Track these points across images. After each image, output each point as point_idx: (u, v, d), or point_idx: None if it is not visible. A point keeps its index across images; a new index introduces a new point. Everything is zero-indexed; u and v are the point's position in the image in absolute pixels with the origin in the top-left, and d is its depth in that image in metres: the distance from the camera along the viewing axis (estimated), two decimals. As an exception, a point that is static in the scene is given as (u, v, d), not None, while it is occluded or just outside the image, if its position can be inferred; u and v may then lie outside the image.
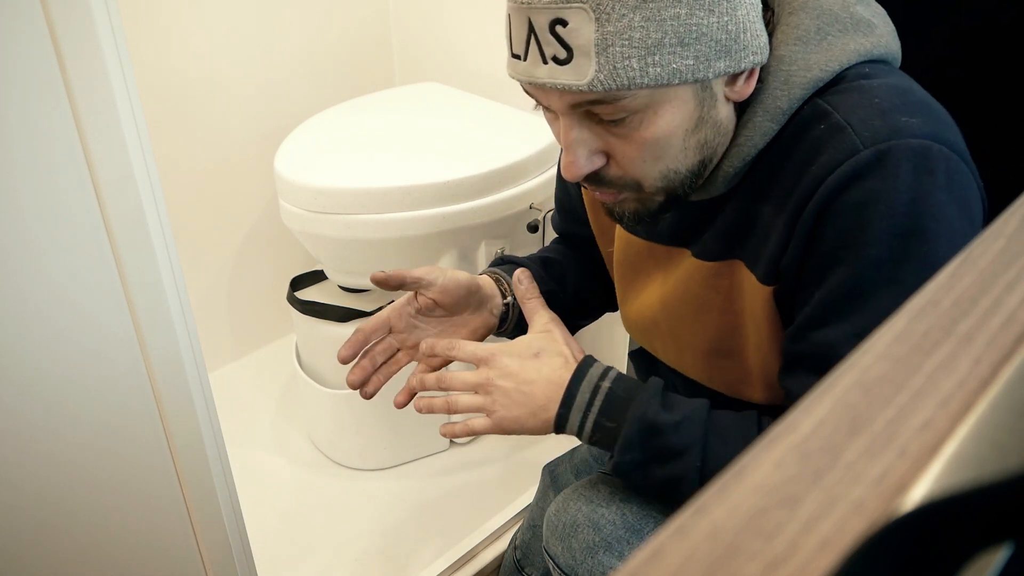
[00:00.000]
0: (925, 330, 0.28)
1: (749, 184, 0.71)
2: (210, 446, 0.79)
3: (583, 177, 0.68)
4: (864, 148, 0.61)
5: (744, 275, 0.72)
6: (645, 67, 0.60)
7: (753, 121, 0.67)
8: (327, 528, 1.38)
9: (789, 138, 0.67)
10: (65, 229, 0.61)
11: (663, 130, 0.64)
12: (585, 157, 0.66)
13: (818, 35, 0.66)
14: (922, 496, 0.22)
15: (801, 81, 0.66)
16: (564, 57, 0.61)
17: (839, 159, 0.62)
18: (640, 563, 0.22)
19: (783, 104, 0.66)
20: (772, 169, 0.69)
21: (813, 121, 0.66)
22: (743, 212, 0.71)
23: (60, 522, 0.71)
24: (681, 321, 0.81)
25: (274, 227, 1.70)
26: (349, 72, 1.70)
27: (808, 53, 0.66)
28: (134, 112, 0.62)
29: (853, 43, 0.67)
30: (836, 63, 0.66)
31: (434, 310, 0.87)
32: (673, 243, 0.80)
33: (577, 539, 0.85)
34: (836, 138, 0.63)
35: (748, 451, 0.25)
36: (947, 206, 0.61)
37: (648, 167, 0.66)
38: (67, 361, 0.66)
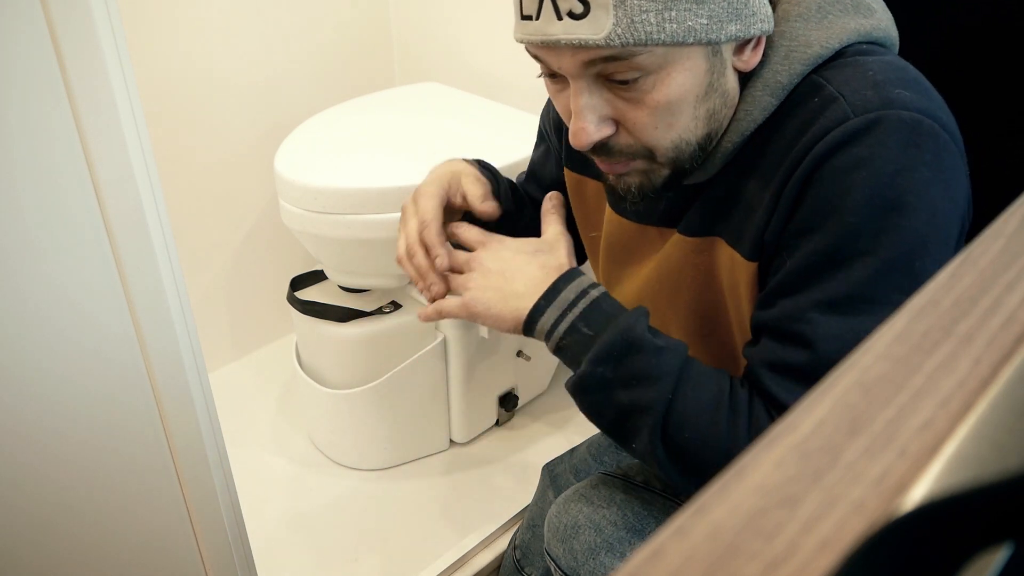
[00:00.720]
0: (925, 330, 0.28)
1: (736, 161, 0.70)
2: (210, 446, 0.79)
3: (592, 145, 0.66)
4: (854, 116, 0.61)
5: (723, 252, 0.71)
6: (662, 22, 0.60)
7: (752, 95, 0.67)
8: (327, 528, 1.38)
9: (782, 114, 0.67)
10: (65, 229, 0.61)
11: (675, 93, 0.63)
12: (595, 123, 0.65)
13: (819, 13, 0.67)
14: (922, 496, 0.22)
15: (801, 56, 0.66)
16: (581, 11, 0.60)
17: (828, 127, 0.61)
18: (640, 563, 0.22)
19: (783, 79, 0.66)
20: (761, 144, 0.68)
21: (807, 96, 0.65)
22: (727, 188, 0.70)
23: (60, 522, 0.71)
24: (662, 297, 0.80)
25: (274, 227, 1.70)
26: (349, 72, 1.70)
27: (809, 30, 0.66)
28: (134, 112, 0.62)
29: (853, 22, 0.67)
30: (836, 40, 0.66)
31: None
32: (664, 224, 0.79)
33: (578, 540, 0.85)
34: (828, 108, 0.63)
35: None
36: (932, 183, 0.60)
37: (660, 134, 0.66)
38: (67, 361, 0.66)
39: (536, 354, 1.55)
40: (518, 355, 1.52)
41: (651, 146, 0.67)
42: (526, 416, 1.61)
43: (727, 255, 0.71)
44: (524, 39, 0.66)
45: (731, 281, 0.72)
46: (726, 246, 0.71)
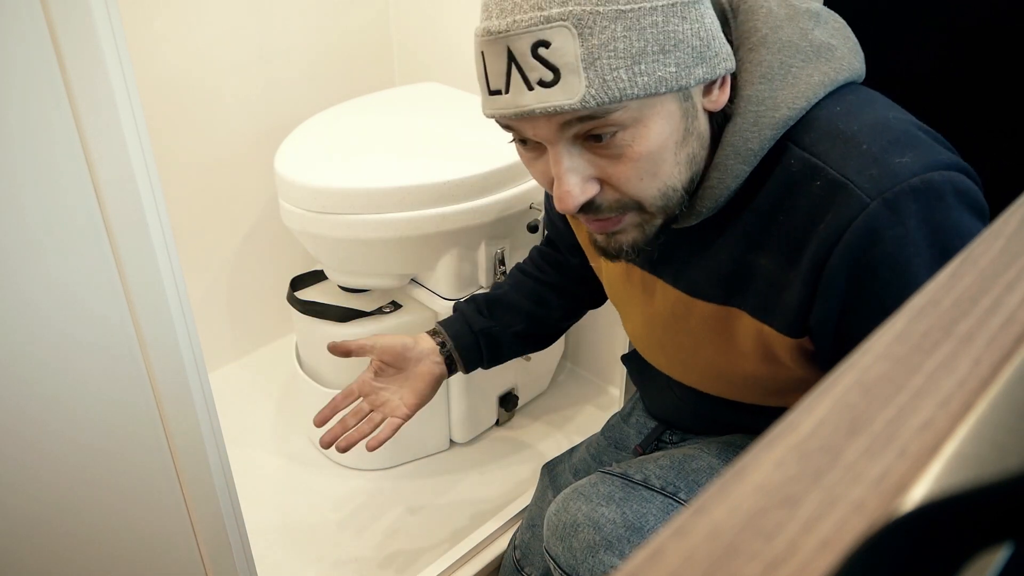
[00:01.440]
0: (925, 330, 0.28)
1: (738, 232, 0.71)
2: (210, 446, 0.79)
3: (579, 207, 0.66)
4: (871, 200, 0.62)
5: (748, 323, 0.73)
6: (633, 76, 0.60)
7: (725, 164, 0.67)
8: (327, 528, 1.38)
9: (779, 191, 0.67)
10: (65, 229, 0.61)
11: (655, 143, 0.63)
12: (579, 185, 0.65)
13: (782, 70, 0.66)
14: (922, 496, 0.22)
15: (770, 121, 0.66)
16: (551, 79, 0.60)
17: (850, 215, 0.62)
18: (640, 563, 0.22)
19: (754, 146, 0.66)
20: (764, 220, 0.69)
21: (805, 176, 0.65)
22: (738, 261, 0.71)
23: (60, 522, 0.71)
24: (683, 349, 0.83)
25: (274, 227, 1.70)
26: (349, 72, 1.70)
27: (774, 91, 0.66)
28: (134, 112, 0.62)
29: (817, 73, 0.67)
30: (803, 99, 0.66)
31: (386, 370, 1.03)
32: (648, 269, 0.81)
33: (578, 539, 0.85)
34: (839, 196, 0.63)
35: (749, 451, 0.25)
36: (963, 219, 0.63)
37: (646, 185, 0.66)
38: (67, 361, 0.66)
39: (536, 355, 1.55)
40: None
41: (638, 198, 0.67)
42: (526, 416, 1.61)
43: (753, 327, 0.73)
44: (496, 114, 0.65)
45: (761, 346, 0.74)
46: (750, 319, 0.73)
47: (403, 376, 1.03)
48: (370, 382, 1.03)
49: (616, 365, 1.61)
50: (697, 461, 0.90)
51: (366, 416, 1.02)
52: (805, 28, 0.68)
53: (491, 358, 1.06)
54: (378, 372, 1.03)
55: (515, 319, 1.05)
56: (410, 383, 1.02)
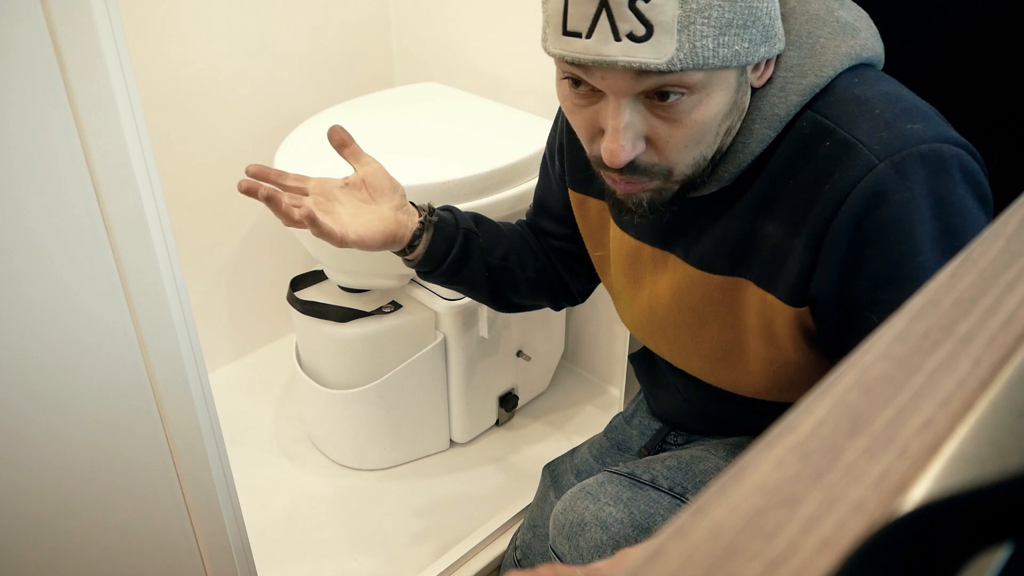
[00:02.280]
0: (925, 330, 0.28)
1: (748, 200, 0.71)
2: (210, 446, 0.79)
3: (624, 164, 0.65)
4: (879, 161, 0.62)
5: (753, 293, 0.73)
6: (717, 47, 0.60)
7: (751, 128, 0.68)
8: (327, 528, 1.38)
9: (790, 154, 0.68)
10: (65, 229, 0.61)
11: (711, 113, 0.64)
12: (632, 142, 0.65)
13: (809, 39, 0.67)
14: (922, 496, 0.22)
15: (797, 88, 0.67)
16: (643, 34, 0.59)
17: (856, 175, 0.63)
18: (640, 563, 0.22)
19: (780, 111, 0.67)
20: (773, 186, 0.69)
21: (815, 138, 0.66)
22: (745, 229, 0.72)
23: (60, 521, 0.71)
24: (686, 329, 0.82)
25: (274, 227, 1.70)
26: (349, 72, 1.70)
27: (802, 58, 0.67)
28: (134, 112, 0.62)
29: (844, 46, 0.67)
30: (830, 67, 0.67)
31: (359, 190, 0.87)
32: (659, 245, 0.81)
33: (584, 538, 0.85)
34: (848, 155, 0.63)
35: (748, 451, 0.25)
36: (967, 199, 0.64)
37: (686, 153, 0.66)
38: (67, 361, 0.66)
39: (536, 354, 1.55)
40: (518, 355, 1.52)
41: (674, 164, 0.67)
42: (526, 416, 1.61)
43: (757, 296, 0.73)
44: (569, 56, 0.63)
45: (762, 320, 0.73)
46: (755, 288, 0.73)
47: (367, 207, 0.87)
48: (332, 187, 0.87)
49: (616, 365, 1.61)
50: (705, 463, 0.90)
51: None
52: (831, 6, 0.69)
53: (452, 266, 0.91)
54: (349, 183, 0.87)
55: (497, 247, 0.95)
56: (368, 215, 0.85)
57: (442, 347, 1.40)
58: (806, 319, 0.71)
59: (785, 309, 0.71)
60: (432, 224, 0.89)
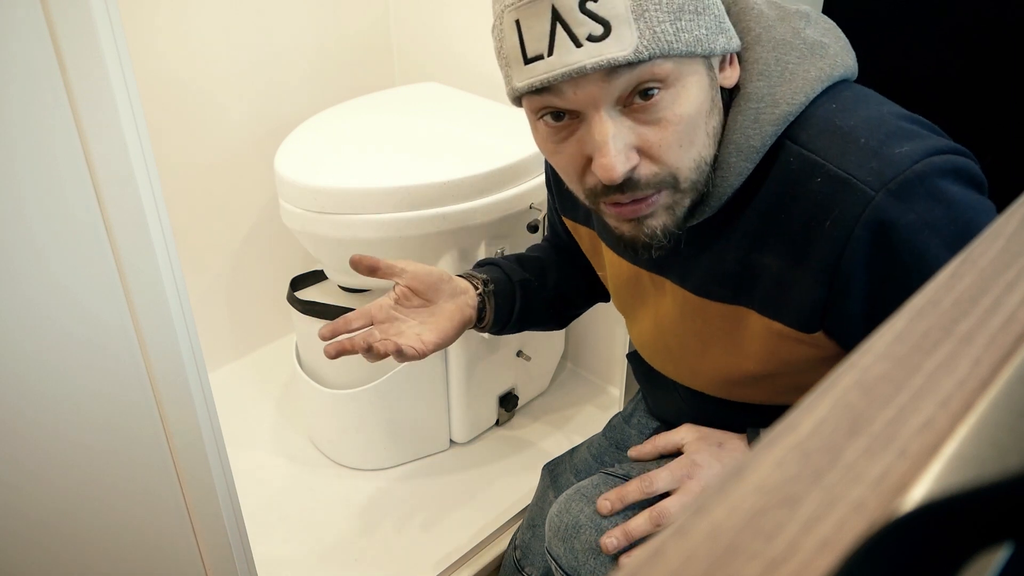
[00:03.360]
0: (925, 330, 0.28)
1: (740, 233, 0.71)
2: (210, 446, 0.79)
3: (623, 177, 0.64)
4: (875, 192, 0.62)
5: (756, 320, 0.74)
6: (677, 32, 0.61)
7: (727, 161, 0.68)
8: (327, 528, 1.38)
9: (778, 189, 0.68)
10: (65, 229, 0.61)
11: (692, 106, 0.64)
12: (623, 152, 0.64)
13: (778, 67, 0.67)
14: (922, 496, 0.22)
15: (770, 118, 0.66)
16: (601, 32, 0.60)
17: (856, 210, 0.63)
18: (640, 563, 0.22)
19: (755, 143, 0.67)
20: (765, 221, 0.69)
21: (804, 174, 0.66)
22: (742, 262, 0.72)
23: (60, 522, 0.71)
24: (691, 351, 0.83)
25: (274, 227, 1.70)
26: (349, 72, 1.70)
27: (772, 87, 0.67)
28: (134, 112, 0.62)
29: (814, 69, 0.67)
30: (802, 94, 0.66)
31: (411, 299, 0.89)
32: (655, 271, 0.82)
33: (580, 540, 0.85)
34: (842, 191, 0.64)
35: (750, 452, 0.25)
36: (968, 194, 0.64)
37: (684, 154, 0.65)
38: (67, 361, 0.66)
39: (536, 354, 1.55)
40: (518, 355, 1.52)
41: (675, 169, 0.66)
42: (526, 416, 1.61)
43: (761, 324, 0.73)
44: (537, 80, 0.63)
45: (767, 345, 0.74)
46: (758, 316, 0.73)
47: (428, 311, 0.89)
48: (388, 308, 0.89)
49: (616, 365, 1.61)
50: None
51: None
52: (797, 27, 0.69)
53: (520, 317, 0.96)
54: (400, 300, 0.89)
55: (547, 281, 0.98)
56: (435, 319, 0.88)
57: (442, 347, 1.40)
58: (819, 341, 0.71)
59: (795, 335, 0.71)
60: (489, 293, 0.93)
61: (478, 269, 0.97)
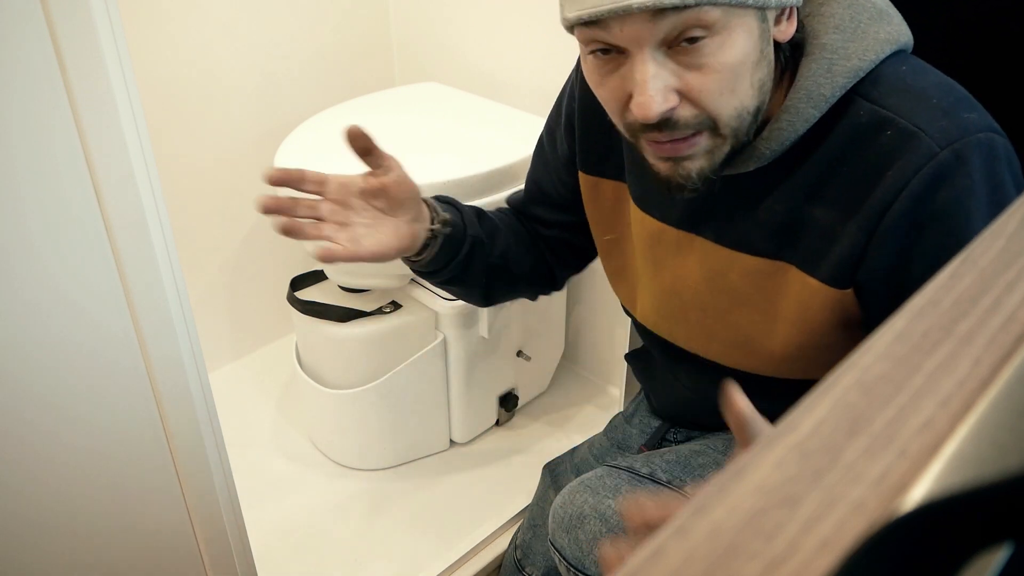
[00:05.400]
0: (925, 330, 0.28)
1: (797, 183, 0.71)
2: (210, 446, 0.79)
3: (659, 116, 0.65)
4: (941, 149, 0.64)
5: (794, 277, 0.73)
6: None
7: (796, 106, 0.68)
8: (327, 528, 1.38)
9: (844, 142, 0.69)
10: (65, 229, 0.61)
11: (738, 55, 0.64)
12: (661, 93, 0.64)
13: (852, 23, 0.69)
14: (922, 496, 0.22)
15: (842, 69, 0.68)
16: None
17: (919, 162, 0.64)
18: (640, 562, 0.22)
19: (826, 92, 0.68)
20: (826, 171, 0.70)
21: (875, 127, 0.67)
22: (792, 213, 0.72)
23: (60, 522, 0.71)
24: (712, 312, 0.81)
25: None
26: (349, 72, 1.70)
27: (847, 42, 0.68)
28: (134, 112, 0.62)
29: (883, 31, 0.69)
30: (873, 52, 0.68)
31: (377, 198, 0.84)
32: (685, 227, 0.80)
33: (584, 530, 0.85)
34: (909, 143, 0.65)
35: (749, 450, 0.25)
36: (1011, 187, 0.66)
37: (725, 101, 0.66)
38: (67, 361, 0.66)
39: (536, 354, 1.55)
40: (518, 355, 1.52)
41: (715, 114, 0.66)
42: (526, 416, 1.61)
43: (798, 281, 0.73)
44: (586, 13, 0.63)
45: (799, 306, 0.74)
46: (797, 272, 0.73)
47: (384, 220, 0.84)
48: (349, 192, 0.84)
49: (616, 365, 1.61)
50: (703, 457, 0.90)
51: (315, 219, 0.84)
52: None
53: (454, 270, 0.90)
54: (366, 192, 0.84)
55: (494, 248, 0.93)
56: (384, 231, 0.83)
57: (442, 347, 1.40)
58: (847, 302, 0.71)
59: (826, 291, 0.71)
60: (442, 236, 0.87)
61: (441, 204, 0.90)
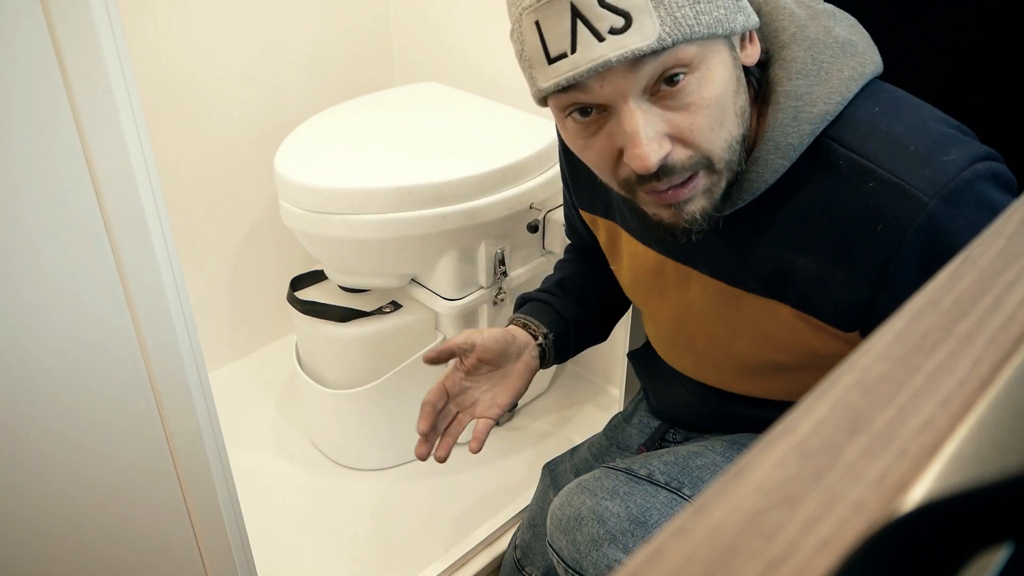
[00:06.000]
0: (925, 330, 0.28)
1: (777, 230, 0.72)
2: (210, 446, 0.79)
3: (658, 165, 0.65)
4: (930, 199, 0.64)
5: (789, 313, 0.75)
6: (697, 15, 0.61)
7: (764, 158, 0.68)
8: (327, 528, 1.38)
9: (825, 191, 0.69)
10: (65, 229, 0.61)
11: (719, 88, 0.64)
12: (656, 140, 0.64)
13: (814, 65, 0.68)
14: (922, 496, 0.22)
15: (809, 116, 0.67)
16: (623, 24, 0.60)
17: (912, 215, 0.64)
18: (640, 563, 0.22)
19: (793, 141, 0.68)
20: (807, 220, 0.70)
21: (856, 178, 0.67)
22: (777, 259, 0.73)
23: (60, 522, 0.71)
24: (716, 344, 0.83)
25: (274, 227, 1.70)
26: (349, 72, 1.70)
27: (810, 86, 0.68)
28: (134, 112, 0.62)
29: (847, 68, 0.69)
30: (839, 94, 0.68)
31: (481, 368, 0.91)
32: (681, 260, 0.82)
33: (581, 532, 0.85)
34: (895, 196, 0.65)
35: (749, 451, 0.25)
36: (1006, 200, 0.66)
37: (716, 136, 0.66)
38: (67, 361, 0.66)
39: (536, 354, 1.55)
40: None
41: (708, 151, 0.66)
42: (526, 416, 1.61)
43: (796, 317, 0.74)
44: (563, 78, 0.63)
45: (800, 339, 0.75)
46: (792, 310, 0.74)
47: (499, 373, 0.93)
48: (460, 381, 0.93)
49: (616, 365, 1.61)
50: (702, 458, 0.90)
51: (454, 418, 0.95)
52: (827, 25, 0.70)
53: (575, 349, 0.99)
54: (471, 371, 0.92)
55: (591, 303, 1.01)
56: (507, 381, 0.92)
57: (442, 347, 1.40)
58: (854, 340, 0.72)
59: (832, 331, 0.72)
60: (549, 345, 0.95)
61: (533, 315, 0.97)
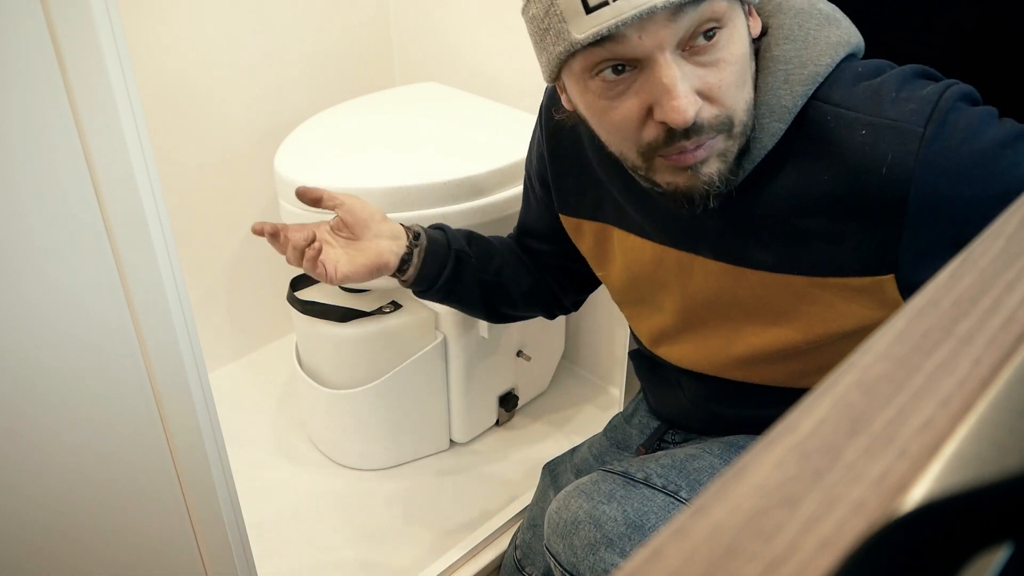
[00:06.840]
0: (925, 330, 0.28)
1: (777, 196, 0.72)
2: (210, 446, 0.79)
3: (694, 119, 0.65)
4: (923, 128, 0.65)
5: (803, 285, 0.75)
6: None
7: (760, 123, 0.69)
8: (327, 528, 1.38)
9: (818, 149, 0.69)
10: (65, 229, 0.61)
11: (743, 47, 0.66)
12: (691, 94, 0.64)
13: (801, 31, 0.70)
14: (922, 496, 0.22)
15: (800, 78, 0.69)
16: None
17: (912, 148, 0.65)
18: (640, 563, 0.22)
19: (787, 102, 0.69)
20: (805, 181, 0.70)
21: (847, 129, 0.68)
22: (784, 227, 0.73)
23: (60, 522, 0.71)
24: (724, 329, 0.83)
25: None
26: (349, 72, 1.70)
27: (799, 50, 0.70)
28: (134, 112, 0.62)
29: (834, 35, 0.71)
30: (827, 56, 0.69)
31: (342, 230, 0.95)
32: (684, 247, 0.81)
33: (578, 536, 0.85)
34: (891, 135, 0.66)
35: (748, 451, 0.25)
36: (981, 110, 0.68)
37: (739, 95, 0.67)
38: (67, 361, 0.66)
39: (536, 354, 1.55)
40: (518, 355, 1.52)
41: (732, 111, 0.67)
42: (526, 416, 1.61)
43: (814, 286, 0.74)
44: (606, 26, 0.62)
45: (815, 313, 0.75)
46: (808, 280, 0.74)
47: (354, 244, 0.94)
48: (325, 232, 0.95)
49: (616, 365, 1.61)
50: (699, 461, 0.90)
51: None
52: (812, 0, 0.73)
53: (445, 286, 0.97)
54: (334, 228, 0.95)
55: (490, 264, 1.00)
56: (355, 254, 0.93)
57: (442, 347, 1.40)
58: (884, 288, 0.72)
59: (861, 284, 0.72)
60: (420, 247, 0.95)
61: (430, 228, 0.98)
